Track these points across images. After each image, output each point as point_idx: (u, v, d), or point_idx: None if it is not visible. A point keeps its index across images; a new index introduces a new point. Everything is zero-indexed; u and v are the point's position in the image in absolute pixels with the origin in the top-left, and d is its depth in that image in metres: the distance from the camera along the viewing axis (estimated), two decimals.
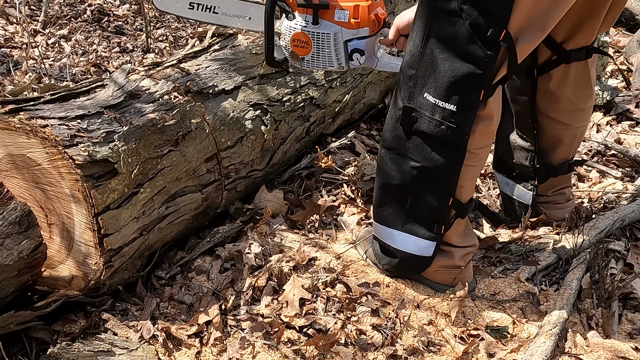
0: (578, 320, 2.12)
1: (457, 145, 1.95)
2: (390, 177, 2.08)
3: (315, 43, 2.23)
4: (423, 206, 2.08)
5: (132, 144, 2.03)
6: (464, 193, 2.07)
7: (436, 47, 1.89)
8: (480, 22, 1.81)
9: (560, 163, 2.49)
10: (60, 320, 2.02)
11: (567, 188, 2.60)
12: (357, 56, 2.24)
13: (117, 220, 1.97)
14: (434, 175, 2.01)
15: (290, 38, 2.25)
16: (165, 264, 2.33)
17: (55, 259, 2.03)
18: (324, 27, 2.22)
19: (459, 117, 1.90)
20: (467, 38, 1.83)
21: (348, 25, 2.21)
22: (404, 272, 2.24)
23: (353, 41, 2.23)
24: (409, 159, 2.02)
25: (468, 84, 1.87)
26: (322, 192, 2.73)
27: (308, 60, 2.27)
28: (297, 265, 2.26)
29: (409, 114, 1.97)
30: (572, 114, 2.39)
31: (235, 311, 2.11)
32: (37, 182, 1.96)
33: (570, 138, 2.45)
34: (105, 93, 2.17)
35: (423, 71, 1.93)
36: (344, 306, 2.11)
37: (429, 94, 1.92)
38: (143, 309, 2.10)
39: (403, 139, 2.01)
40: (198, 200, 2.32)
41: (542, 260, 2.35)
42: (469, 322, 2.10)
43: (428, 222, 2.10)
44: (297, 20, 2.22)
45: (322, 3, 2.18)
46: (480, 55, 1.84)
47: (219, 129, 2.38)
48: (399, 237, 2.15)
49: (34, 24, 4.85)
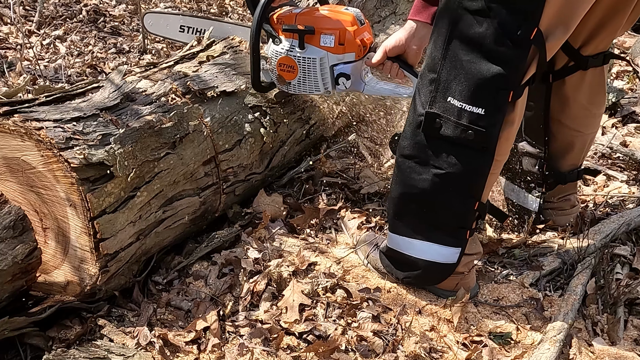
0: (583, 326, 2.12)
1: (484, 149, 1.93)
2: (410, 186, 2.05)
3: (301, 67, 2.26)
4: (447, 213, 2.05)
5: (129, 147, 2.03)
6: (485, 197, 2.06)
7: (460, 49, 1.86)
8: (509, 21, 1.78)
9: (569, 170, 2.49)
10: (55, 326, 2.02)
11: (573, 194, 2.60)
12: (343, 80, 2.27)
13: (113, 224, 1.97)
14: (459, 181, 1.98)
15: (276, 62, 2.28)
16: (163, 269, 2.33)
17: (50, 264, 2.03)
18: (310, 52, 2.25)
19: (488, 120, 1.88)
20: (495, 38, 1.80)
21: (334, 50, 2.24)
22: (427, 281, 2.21)
23: (339, 66, 2.27)
24: (430, 167, 1.99)
25: (496, 86, 1.85)
26: (322, 195, 2.74)
27: (294, 85, 2.31)
28: (297, 270, 2.26)
29: (432, 119, 1.93)
30: (584, 120, 2.38)
31: (234, 317, 2.11)
32: (32, 186, 1.96)
33: (581, 144, 2.44)
34: (101, 95, 2.18)
35: (446, 74, 1.90)
36: (344, 312, 2.11)
37: (454, 98, 1.89)
38: (140, 315, 2.10)
39: (424, 146, 1.98)
40: (196, 204, 2.32)
41: (547, 265, 2.35)
42: (471, 328, 2.10)
43: (453, 228, 2.08)
44: (283, 44, 2.26)
45: (307, 28, 2.21)
46: (509, 55, 1.81)
47: (217, 131, 2.39)
48: (421, 247, 2.12)
49: (28, 24, 4.86)
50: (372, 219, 2.62)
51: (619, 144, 3.30)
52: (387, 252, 2.23)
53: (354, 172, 2.92)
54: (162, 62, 2.58)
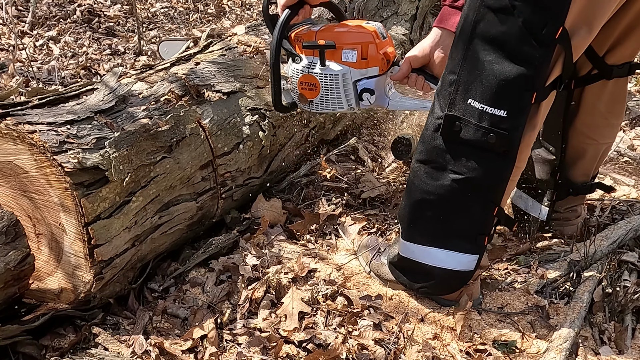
0: (590, 334, 2.12)
1: (506, 153, 1.91)
2: (427, 192, 2.02)
3: (323, 85, 2.24)
4: (466, 219, 2.04)
5: (124, 151, 2.04)
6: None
7: (482, 49, 1.84)
8: (534, 19, 1.77)
9: (581, 181, 2.47)
10: (49, 334, 2.02)
11: (580, 205, 2.59)
12: (367, 96, 2.25)
13: (108, 230, 1.98)
14: (479, 186, 1.96)
15: (297, 81, 2.26)
16: (159, 276, 2.33)
17: (44, 271, 2.04)
18: (332, 68, 2.22)
19: (510, 123, 1.86)
20: (520, 37, 1.79)
21: (357, 65, 2.22)
22: (444, 290, 2.19)
23: (362, 81, 2.25)
24: (449, 172, 1.97)
25: (520, 87, 1.83)
26: (323, 200, 2.74)
27: (317, 103, 2.28)
28: (296, 277, 2.26)
29: (451, 122, 1.92)
30: (600, 129, 2.36)
31: (232, 325, 2.12)
32: (25, 191, 1.96)
33: (593, 153, 2.42)
34: (96, 97, 2.18)
35: (466, 75, 1.88)
36: (345, 320, 2.11)
37: (474, 100, 1.88)
38: (135, 323, 2.10)
39: (443, 150, 1.96)
40: (193, 210, 2.33)
41: (552, 272, 2.36)
42: (475, 337, 2.10)
43: (471, 235, 2.06)
44: (304, 62, 2.24)
45: (328, 44, 2.19)
46: (533, 54, 1.80)
47: (215, 134, 2.39)
48: (437, 255, 2.10)
49: (21, 25, 4.87)
50: (373, 224, 2.63)
51: (627, 147, 3.30)
52: (399, 261, 2.20)
53: (354, 176, 2.92)
54: (158, 64, 2.59)
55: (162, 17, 5.47)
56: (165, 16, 5.50)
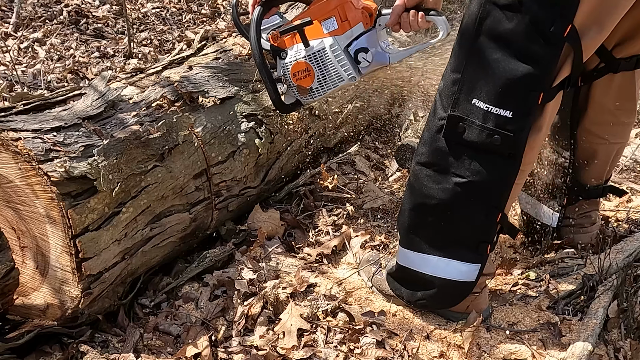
0: (604, 352, 2.12)
1: (511, 156, 1.92)
2: (428, 196, 2.04)
3: (315, 65, 2.25)
4: (468, 226, 2.05)
5: (113, 159, 2.05)
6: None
7: (487, 47, 1.86)
8: (542, 17, 1.78)
9: (593, 185, 2.48)
10: (35, 352, 2.03)
11: (594, 211, 2.59)
12: (363, 55, 2.25)
13: (96, 243, 1.99)
14: (482, 190, 1.97)
15: (290, 74, 2.28)
16: (150, 291, 2.34)
17: (29, 286, 2.04)
18: (318, 45, 2.24)
19: (516, 124, 1.87)
20: (527, 35, 1.80)
21: (340, 30, 2.23)
22: (443, 302, 2.20)
23: (352, 44, 2.26)
24: (451, 175, 1.98)
25: (526, 87, 1.84)
26: (323, 211, 2.75)
27: (317, 88, 2.29)
28: (295, 292, 2.27)
29: (455, 123, 1.93)
30: (610, 128, 2.37)
31: (227, 343, 2.12)
32: (9, 201, 1.97)
33: (605, 154, 2.43)
34: (84, 103, 2.19)
35: (470, 74, 1.90)
36: (346, 337, 2.11)
37: (479, 100, 1.89)
38: (125, 341, 2.11)
39: (445, 153, 1.97)
40: (186, 221, 2.34)
41: (565, 286, 2.36)
42: (484, 355, 2.11)
43: (473, 242, 2.07)
44: (290, 54, 2.26)
45: (303, 22, 2.21)
46: (540, 53, 1.81)
47: (209, 142, 2.40)
48: (437, 264, 2.10)
49: (4, 26, 4.89)
50: (376, 237, 2.63)
51: None
52: (396, 271, 2.21)
53: (357, 185, 2.93)
54: (149, 68, 2.60)
55: (154, 18, 5.48)
56: (157, 17, 5.51)
